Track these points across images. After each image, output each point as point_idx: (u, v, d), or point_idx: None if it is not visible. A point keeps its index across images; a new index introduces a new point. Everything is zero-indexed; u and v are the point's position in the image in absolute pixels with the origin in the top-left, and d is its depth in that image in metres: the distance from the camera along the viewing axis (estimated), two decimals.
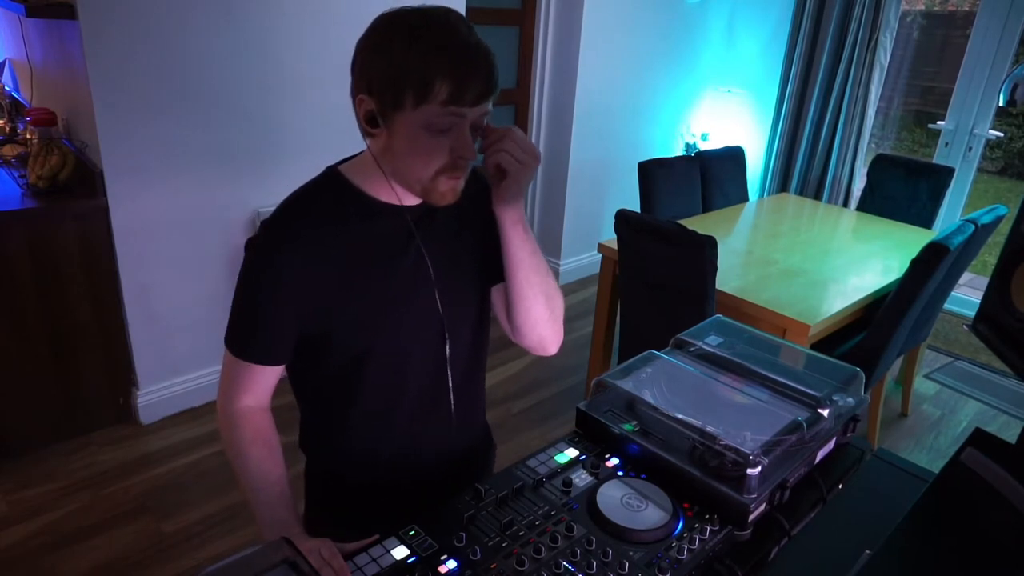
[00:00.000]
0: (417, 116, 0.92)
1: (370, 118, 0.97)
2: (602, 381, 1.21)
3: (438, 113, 0.92)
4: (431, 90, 0.90)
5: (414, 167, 0.97)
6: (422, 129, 0.93)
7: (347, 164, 1.08)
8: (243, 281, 1.04)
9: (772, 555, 1.02)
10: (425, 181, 0.98)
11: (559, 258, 4.25)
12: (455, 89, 0.90)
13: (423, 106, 0.91)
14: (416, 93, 0.91)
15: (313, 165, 1.10)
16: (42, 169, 2.36)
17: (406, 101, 0.92)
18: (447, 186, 0.98)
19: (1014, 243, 0.96)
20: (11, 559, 2.08)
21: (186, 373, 2.77)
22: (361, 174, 1.05)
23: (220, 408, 1.11)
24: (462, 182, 1.00)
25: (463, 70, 0.90)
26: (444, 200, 1.00)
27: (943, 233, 2.30)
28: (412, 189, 1.01)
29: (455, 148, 0.95)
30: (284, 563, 0.81)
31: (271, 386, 1.11)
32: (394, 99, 0.92)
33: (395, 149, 0.98)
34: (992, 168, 5.83)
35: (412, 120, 0.93)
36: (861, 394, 1.23)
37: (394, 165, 1.00)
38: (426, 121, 0.92)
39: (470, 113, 0.93)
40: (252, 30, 2.53)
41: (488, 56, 0.93)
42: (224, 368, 1.10)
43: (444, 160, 0.96)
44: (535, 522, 0.99)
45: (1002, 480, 0.87)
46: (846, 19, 4.00)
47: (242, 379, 1.08)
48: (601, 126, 4.09)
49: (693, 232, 2.15)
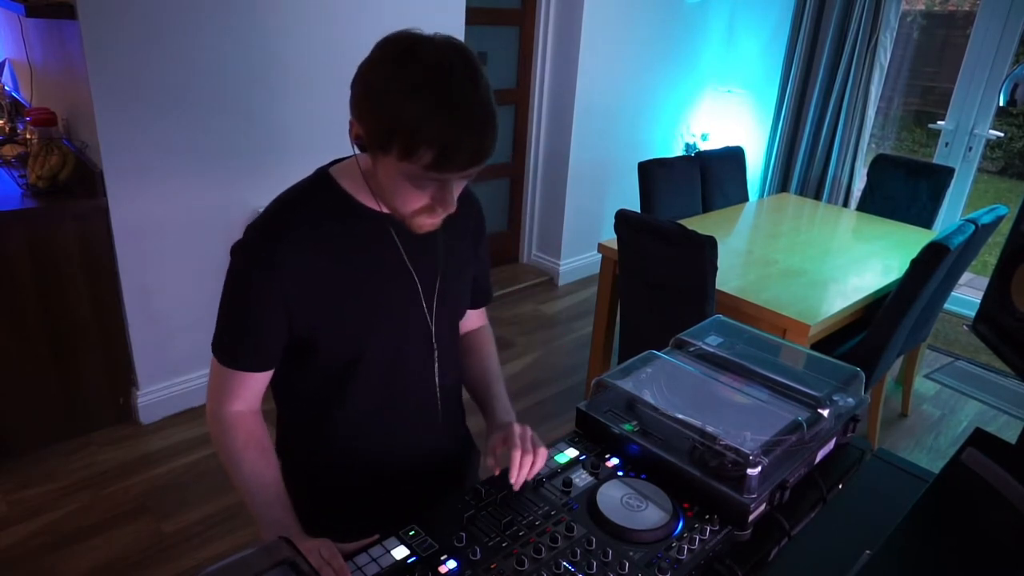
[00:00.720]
0: (400, 166, 0.89)
1: (359, 142, 0.95)
2: (602, 381, 1.21)
3: (420, 175, 0.90)
4: (415, 152, 0.86)
5: (393, 203, 0.97)
6: (404, 178, 0.91)
7: (338, 167, 1.07)
8: (230, 287, 1.03)
9: (772, 555, 1.02)
10: (404, 217, 0.97)
11: (559, 258, 4.26)
12: (440, 158, 0.86)
13: (406, 162, 0.88)
14: (402, 148, 0.87)
15: (313, 165, 1.09)
16: (42, 169, 2.36)
17: (392, 150, 0.88)
18: (425, 223, 0.98)
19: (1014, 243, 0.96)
20: (11, 559, 2.08)
21: (186, 373, 2.77)
22: (350, 179, 1.04)
23: (210, 414, 1.09)
24: (440, 220, 0.98)
25: (453, 141, 0.86)
26: (423, 230, 0.99)
27: (943, 233, 2.30)
28: (393, 215, 1.00)
29: (436, 199, 0.94)
30: (284, 563, 0.81)
31: (261, 391, 1.10)
32: (381, 144, 0.89)
33: (378, 178, 0.96)
34: (992, 168, 5.83)
35: (395, 168, 0.91)
36: (861, 394, 1.23)
37: (377, 188, 0.99)
38: (407, 175, 0.91)
39: (455, 177, 0.91)
40: (253, 30, 2.53)
41: (485, 125, 0.87)
42: (212, 374, 1.09)
43: (423, 204, 0.95)
44: (535, 522, 0.99)
45: (1002, 480, 0.87)
46: (846, 19, 4.00)
47: (231, 386, 1.07)
48: (601, 126, 4.09)
49: (693, 232, 2.15)
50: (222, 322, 1.05)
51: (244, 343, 1.04)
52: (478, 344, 1.31)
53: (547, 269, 4.34)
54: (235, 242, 1.02)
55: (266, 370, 1.07)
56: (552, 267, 4.31)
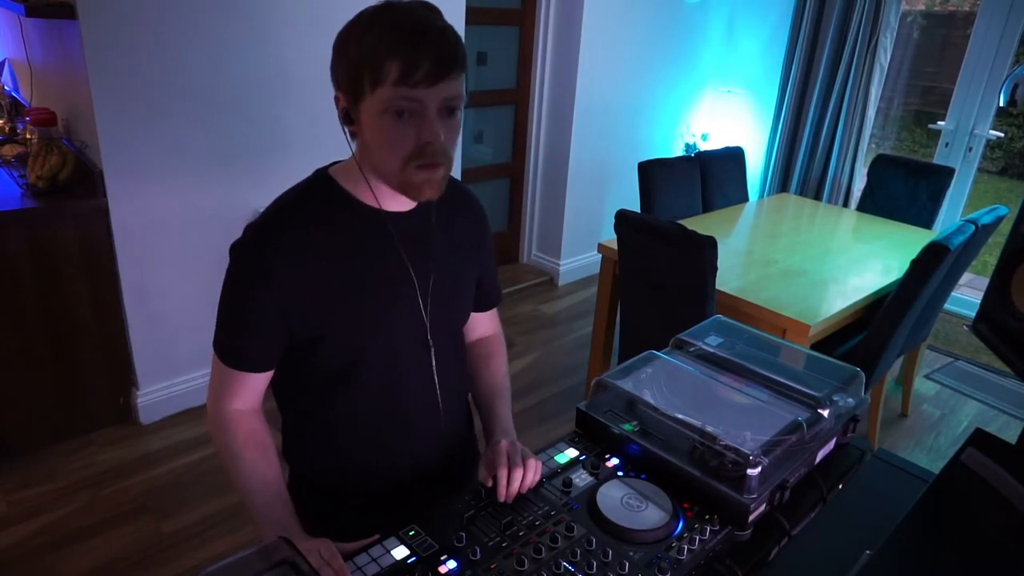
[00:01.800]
0: (374, 101, 0.92)
1: (345, 115, 0.98)
2: (602, 381, 1.21)
3: (392, 95, 0.90)
4: (381, 71, 0.89)
5: (384, 157, 0.96)
6: (383, 114, 0.92)
7: (337, 167, 1.07)
8: (229, 287, 1.03)
9: (772, 555, 1.02)
10: (397, 172, 0.96)
11: (559, 258, 4.26)
12: (404, 67, 0.89)
13: (378, 90, 0.91)
14: (370, 78, 0.91)
15: (313, 165, 1.10)
16: (42, 169, 2.36)
17: (364, 88, 0.92)
18: (420, 177, 0.96)
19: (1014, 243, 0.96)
20: (11, 559, 2.08)
21: (186, 373, 2.77)
22: (347, 177, 1.04)
23: (211, 412, 1.09)
24: (439, 173, 0.97)
25: (411, 48, 0.88)
26: (423, 194, 0.98)
27: (943, 233, 2.30)
28: (390, 184, 0.99)
29: (420, 133, 0.93)
30: (284, 563, 0.81)
31: (262, 390, 1.10)
32: (356, 89, 0.93)
33: (367, 142, 0.97)
34: (992, 168, 5.83)
35: (372, 107, 0.92)
36: (861, 394, 1.23)
37: (370, 161, 1.00)
38: (383, 104, 0.91)
39: (428, 96, 0.91)
40: (253, 30, 2.53)
41: (444, 34, 0.91)
42: (213, 373, 1.09)
43: (411, 147, 0.94)
44: (535, 522, 0.99)
45: (1002, 480, 0.87)
46: (846, 19, 4.00)
47: (232, 385, 1.07)
48: (601, 126, 4.09)
49: (693, 232, 2.15)
50: (222, 321, 1.05)
51: (244, 344, 1.04)
52: (486, 355, 1.31)
53: (547, 269, 4.34)
54: (234, 241, 1.02)
55: (266, 370, 1.07)
56: (552, 267, 4.31)
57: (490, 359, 1.31)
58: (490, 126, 4.09)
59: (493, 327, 1.35)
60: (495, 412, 1.24)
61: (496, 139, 4.14)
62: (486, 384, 1.28)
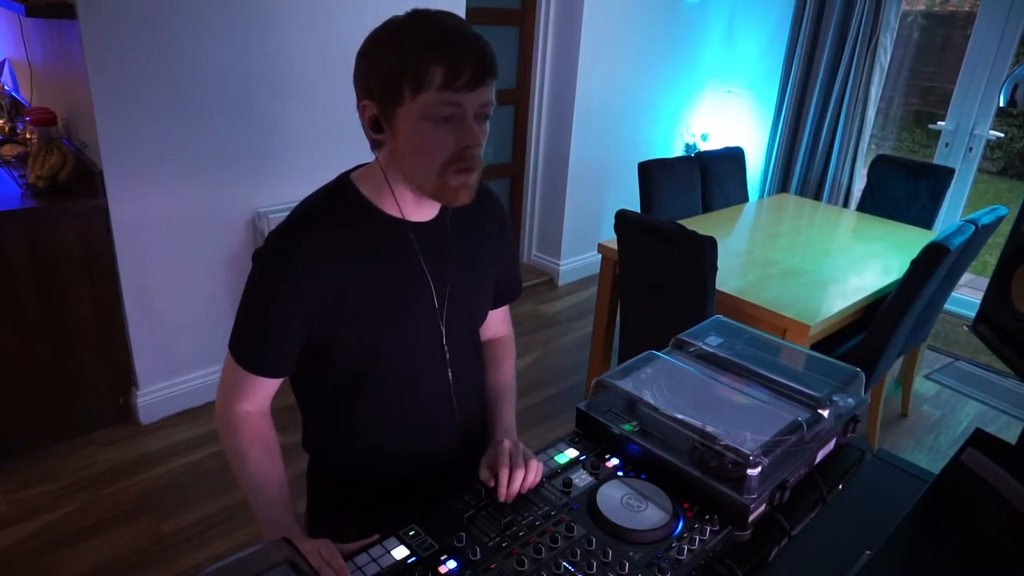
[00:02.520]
0: (416, 107, 0.93)
1: (374, 123, 0.98)
2: (602, 381, 1.21)
3: (436, 100, 0.92)
4: (425, 77, 0.91)
5: (421, 163, 0.97)
6: (423, 120, 0.94)
7: (358, 172, 1.08)
8: (252, 292, 1.04)
9: (772, 555, 1.02)
10: (434, 178, 0.98)
11: (559, 258, 4.26)
12: (448, 73, 0.91)
13: (420, 95, 0.92)
14: (412, 84, 0.92)
15: (313, 165, 1.10)
16: (42, 169, 2.36)
17: (404, 94, 0.93)
18: (458, 182, 0.98)
19: (1014, 244, 0.96)
20: (11, 559, 2.08)
21: (186, 373, 2.77)
22: (370, 186, 1.05)
23: (219, 411, 1.11)
24: (474, 177, 0.99)
25: (454, 53, 0.91)
26: (458, 199, 1.00)
27: (943, 234, 2.30)
28: (424, 191, 1.01)
29: (460, 138, 0.95)
30: (284, 563, 0.81)
31: (272, 393, 1.11)
32: (393, 95, 0.94)
33: (401, 149, 0.98)
34: (992, 168, 5.82)
35: (412, 113, 0.94)
36: (861, 394, 1.23)
37: (403, 169, 1.00)
38: (425, 110, 0.93)
39: (468, 101, 0.94)
40: (253, 30, 2.53)
41: (480, 41, 0.94)
42: (225, 372, 1.09)
43: (450, 151, 0.96)
44: (535, 522, 0.99)
45: (1002, 480, 0.87)
46: (846, 19, 4.00)
47: (244, 386, 1.08)
48: (601, 126, 4.09)
49: (693, 232, 2.15)
50: (241, 324, 1.06)
51: (261, 349, 1.05)
52: (495, 357, 1.33)
53: (547, 269, 4.34)
54: (257, 248, 1.04)
55: (279, 376, 1.09)
56: (552, 267, 4.31)
57: (499, 361, 1.33)
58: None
59: (505, 328, 1.38)
60: (499, 412, 1.25)
61: (496, 139, 4.14)
62: (493, 384, 1.30)
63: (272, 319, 1.02)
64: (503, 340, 1.36)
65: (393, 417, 1.14)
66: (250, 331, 1.05)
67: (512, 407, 1.27)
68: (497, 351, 1.34)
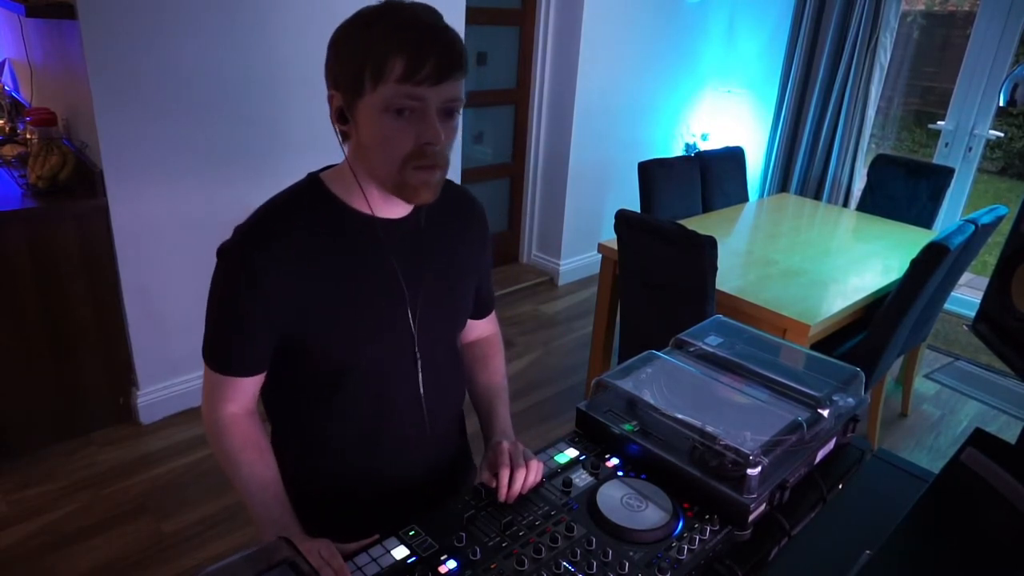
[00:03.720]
0: (376, 99, 0.91)
1: (339, 114, 0.96)
2: (602, 381, 1.21)
3: (395, 93, 0.90)
4: (385, 68, 0.89)
5: (381, 158, 0.95)
6: (383, 112, 0.91)
7: (329, 172, 1.06)
8: (217, 290, 1.01)
9: (772, 555, 1.02)
10: (394, 173, 0.95)
11: (559, 258, 4.26)
12: (409, 64, 0.88)
13: (380, 87, 0.90)
14: (372, 74, 0.90)
15: (313, 165, 1.09)
16: (42, 169, 2.36)
17: (365, 85, 0.91)
18: (418, 179, 0.95)
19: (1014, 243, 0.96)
20: (11, 559, 2.08)
21: (186, 373, 2.77)
22: (339, 182, 1.03)
23: (206, 417, 1.08)
24: (436, 176, 0.96)
25: (416, 45, 0.88)
26: (419, 197, 0.97)
27: (943, 233, 2.30)
28: (385, 186, 0.98)
29: (420, 134, 0.92)
30: (284, 563, 0.81)
31: (254, 392, 1.09)
32: (355, 85, 0.92)
33: (363, 142, 0.96)
34: (992, 168, 5.83)
35: (372, 104, 0.91)
36: (861, 394, 1.23)
37: (366, 163, 0.98)
38: (385, 102, 0.90)
39: (430, 95, 0.91)
40: (253, 31, 2.53)
41: (447, 33, 0.91)
42: (205, 379, 1.07)
43: (410, 147, 0.93)
44: (535, 522, 0.99)
45: (1002, 480, 0.87)
46: (846, 19, 4.00)
47: (224, 389, 1.06)
48: (601, 126, 4.09)
49: (693, 232, 2.15)
50: (210, 327, 1.04)
51: (232, 350, 1.03)
52: (484, 355, 1.30)
53: (547, 269, 4.34)
54: (222, 243, 1.00)
55: (256, 374, 1.06)
56: (552, 267, 4.31)
57: (488, 360, 1.30)
58: (490, 126, 4.09)
59: (491, 328, 1.34)
60: (494, 413, 1.23)
61: (496, 139, 4.14)
62: (484, 385, 1.27)
63: (237, 319, 1.00)
64: (489, 338, 1.33)
65: (363, 427, 1.11)
66: (217, 332, 1.03)
67: (507, 407, 1.25)
68: (484, 349, 1.31)
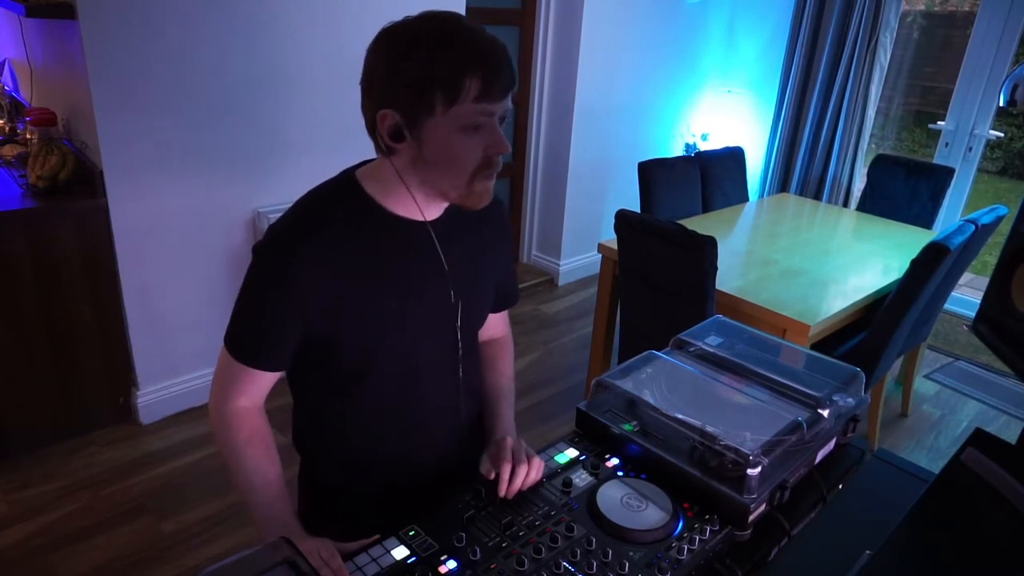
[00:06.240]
0: (449, 119, 0.92)
1: (395, 132, 0.95)
2: (602, 381, 1.21)
3: (471, 112, 0.92)
4: (461, 89, 0.90)
5: (450, 172, 0.97)
6: (456, 131, 0.93)
7: (363, 170, 1.06)
8: (250, 285, 1.02)
9: (772, 555, 1.02)
10: (462, 185, 0.98)
11: (559, 258, 4.25)
12: (485, 85, 0.91)
13: (454, 107, 0.91)
14: (445, 95, 0.91)
15: (313, 165, 1.10)
16: (42, 169, 2.36)
17: (436, 106, 0.91)
18: (483, 187, 0.99)
19: (1014, 243, 0.96)
20: (11, 559, 2.08)
21: (186, 373, 2.77)
22: (377, 185, 1.03)
23: (213, 407, 1.09)
24: (494, 180, 1.01)
25: (490, 66, 0.91)
26: (481, 202, 1.01)
27: (943, 233, 2.30)
28: (447, 196, 1.01)
29: (489, 145, 0.95)
30: (284, 563, 0.81)
31: (267, 389, 1.10)
32: (423, 106, 0.92)
33: (427, 158, 0.96)
34: (992, 168, 5.83)
35: (444, 124, 0.93)
36: (861, 394, 1.23)
37: (425, 175, 0.99)
38: (459, 122, 0.92)
39: (497, 109, 0.94)
40: (253, 30, 2.53)
41: (506, 50, 0.94)
42: (220, 367, 1.08)
43: (479, 159, 0.96)
44: (535, 522, 0.99)
45: (1002, 480, 0.87)
46: (846, 19, 4.00)
47: (240, 381, 1.06)
48: (601, 126, 4.09)
49: (693, 232, 2.15)
50: (238, 316, 1.05)
51: (258, 342, 1.04)
52: (495, 357, 1.32)
53: (547, 269, 4.34)
54: (257, 242, 1.02)
55: (277, 370, 1.07)
56: (552, 267, 4.31)
57: (498, 361, 1.32)
58: None
59: (504, 328, 1.37)
60: (498, 412, 1.25)
61: None
62: (491, 385, 1.29)
63: (272, 311, 1.01)
64: (502, 340, 1.36)
65: (393, 419, 1.13)
66: (248, 324, 1.04)
67: (512, 408, 1.27)
68: (496, 351, 1.34)
